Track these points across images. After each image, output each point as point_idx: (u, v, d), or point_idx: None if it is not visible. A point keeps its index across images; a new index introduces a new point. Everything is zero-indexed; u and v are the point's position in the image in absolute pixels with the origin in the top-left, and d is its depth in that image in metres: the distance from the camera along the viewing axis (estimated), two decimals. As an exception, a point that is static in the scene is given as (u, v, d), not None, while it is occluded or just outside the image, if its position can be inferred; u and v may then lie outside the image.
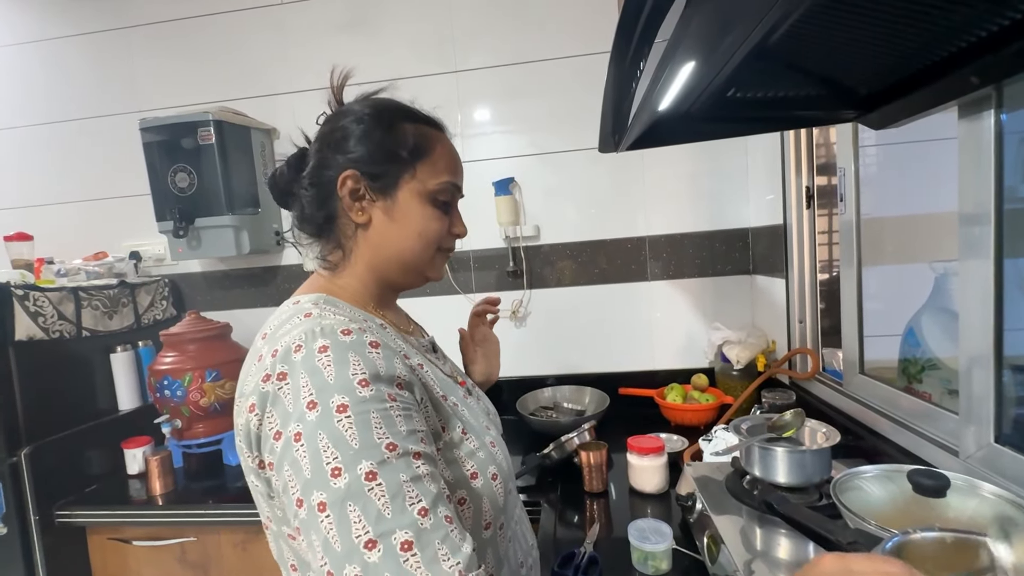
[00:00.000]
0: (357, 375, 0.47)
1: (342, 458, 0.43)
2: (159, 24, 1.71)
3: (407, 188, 0.60)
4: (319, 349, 0.48)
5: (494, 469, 0.56)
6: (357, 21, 1.63)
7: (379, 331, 0.56)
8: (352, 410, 0.45)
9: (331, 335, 0.49)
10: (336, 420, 0.44)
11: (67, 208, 1.80)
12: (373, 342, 0.50)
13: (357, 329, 0.51)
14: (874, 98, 0.76)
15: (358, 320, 0.55)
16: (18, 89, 1.79)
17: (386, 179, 0.59)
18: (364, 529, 0.41)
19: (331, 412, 0.44)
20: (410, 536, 0.41)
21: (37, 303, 1.30)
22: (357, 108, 0.62)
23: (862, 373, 1.08)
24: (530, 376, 1.65)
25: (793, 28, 0.55)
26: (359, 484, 0.42)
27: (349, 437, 0.44)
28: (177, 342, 1.41)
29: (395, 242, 0.61)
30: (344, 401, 0.45)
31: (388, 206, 0.60)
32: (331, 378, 0.46)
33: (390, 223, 0.60)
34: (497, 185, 1.56)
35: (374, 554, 0.40)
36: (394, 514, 0.41)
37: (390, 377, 0.49)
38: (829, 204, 1.26)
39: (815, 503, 0.75)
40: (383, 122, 0.60)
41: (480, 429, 0.59)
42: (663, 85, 0.57)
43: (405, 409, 0.48)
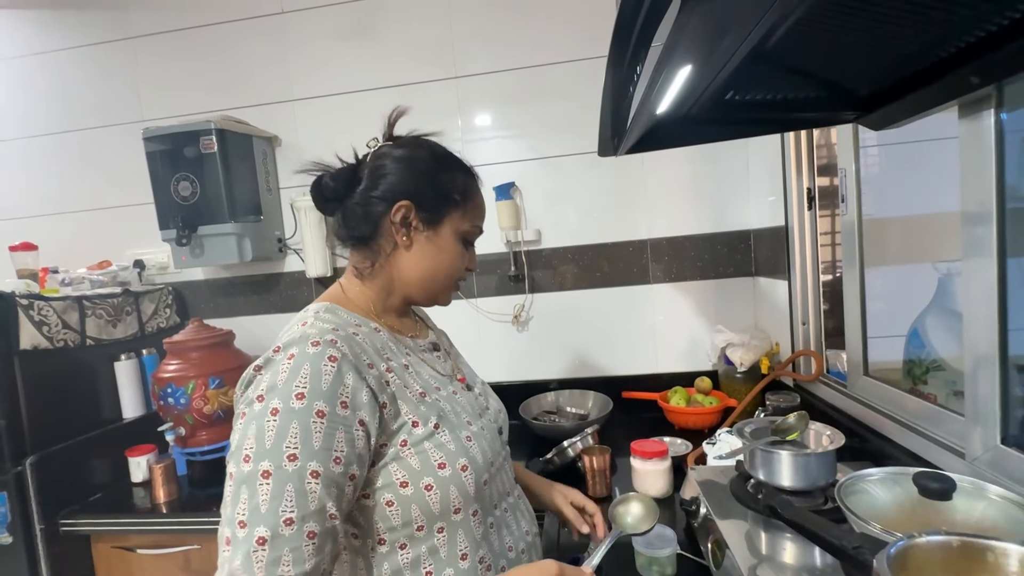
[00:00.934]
0: (298, 388, 0.54)
1: (255, 450, 0.52)
2: (162, 35, 1.73)
3: (450, 224, 0.70)
4: (287, 356, 0.56)
5: (464, 461, 0.62)
6: (358, 29, 1.64)
7: (368, 335, 0.65)
8: (280, 416, 0.53)
9: (301, 344, 0.57)
10: (266, 419, 0.53)
11: (71, 217, 1.82)
12: (332, 356, 0.57)
13: (328, 341, 0.58)
14: (874, 99, 0.76)
15: (349, 326, 0.64)
16: (24, 100, 1.81)
17: (436, 214, 0.69)
18: (243, 511, 0.50)
19: (267, 411, 0.53)
20: (267, 535, 0.49)
21: (41, 312, 1.31)
22: (415, 148, 0.71)
23: (866, 375, 1.07)
24: (533, 380, 1.65)
25: (791, 30, 0.55)
26: (255, 476, 0.51)
27: (267, 437, 0.52)
28: (180, 350, 1.41)
29: (428, 266, 0.70)
30: (277, 406, 0.53)
31: (431, 236, 0.70)
32: (280, 383, 0.55)
33: (428, 251, 0.70)
34: (498, 190, 1.56)
35: (240, 532, 0.50)
36: (267, 512, 0.50)
37: (330, 396, 0.55)
38: (831, 205, 1.26)
39: (820, 507, 0.74)
40: (444, 167, 0.71)
41: (458, 424, 0.65)
42: (661, 88, 0.57)
43: (331, 428, 0.54)
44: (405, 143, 0.72)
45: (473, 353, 1.65)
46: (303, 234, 1.64)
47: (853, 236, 1.06)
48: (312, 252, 1.63)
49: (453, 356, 0.83)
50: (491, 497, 0.68)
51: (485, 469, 0.65)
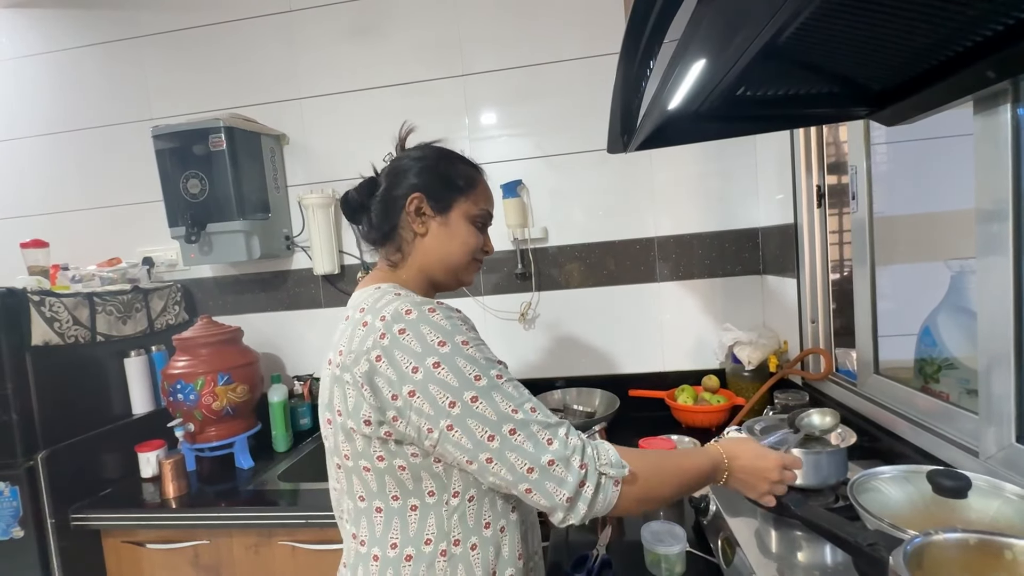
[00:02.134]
0: (461, 327, 0.65)
1: (478, 369, 0.61)
2: (171, 33, 1.74)
3: (458, 209, 0.78)
4: (429, 310, 0.64)
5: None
6: (365, 28, 1.65)
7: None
8: (471, 345, 0.63)
9: (426, 305, 0.65)
10: (466, 349, 0.62)
11: (81, 215, 1.83)
12: (451, 313, 0.66)
13: (438, 304, 0.67)
14: (886, 94, 0.75)
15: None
16: (35, 99, 1.83)
17: (444, 201, 0.77)
18: (508, 407, 0.60)
19: (459, 345, 0.62)
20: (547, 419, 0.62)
21: (53, 309, 1.32)
22: (423, 150, 0.81)
23: (877, 373, 1.06)
24: (539, 378, 1.64)
25: (804, 26, 0.54)
26: (494, 381, 0.61)
27: (478, 357, 0.62)
28: (190, 346, 1.42)
29: (444, 248, 0.77)
30: (465, 338, 0.63)
31: (443, 221, 0.77)
32: (449, 326, 0.63)
33: (442, 234, 0.77)
34: (505, 188, 1.56)
35: (515, 416, 0.60)
36: (520, 403, 0.61)
37: (471, 329, 0.67)
38: (840, 203, 1.25)
39: (831, 505, 0.74)
40: (444, 159, 0.80)
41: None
42: (673, 84, 0.57)
43: (478, 349, 0.64)
44: (414, 149, 0.82)
45: (480, 351, 1.66)
46: (311, 232, 1.65)
47: (864, 233, 1.06)
48: (319, 250, 1.64)
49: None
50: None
51: None
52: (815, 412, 0.81)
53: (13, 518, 1.25)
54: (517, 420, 0.59)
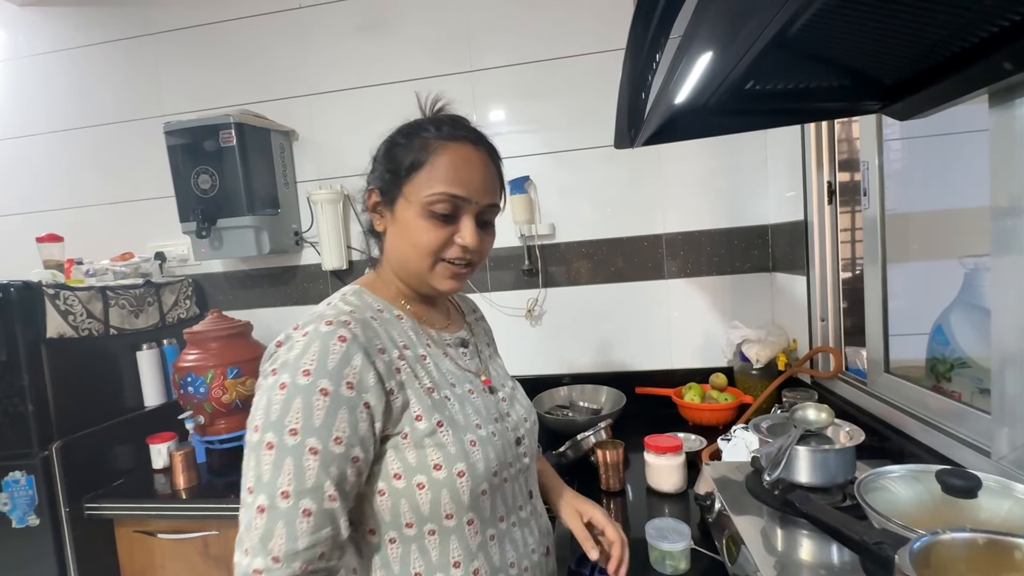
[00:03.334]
0: (304, 365, 0.55)
1: (262, 421, 0.53)
2: (182, 30, 1.75)
3: (402, 201, 0.66)
4: (302, 334, 0.57)
5: (461, 467, 0.60)
6: (374, 23, 1.65)
7: (389, 322, 0.65)
8: (286, 390, 0.54)
9: (316, 323, 0.58)
10: (275, 392, 0.54)
11: (95, 210, 1.86)
12: (342, 336, 0.57)
13: (341, 322, 0.58)
14: (899, 88, 0.74)
15: (369, 310, 0.65)
16: (50, 96, 1.86)
17: (389, 194, 0.67)
18: (251, 478, 0.53)
19: (276, 384, 0.55)
20: (265, 505, 0.51)
21: (67, 302, 1.34)
22: (391, 135, 0.71)
23: (887, 372, 1.05)
24: (546, 375, 1.64)
25: (815, 17, 0.53)
26: (260, 446, 0.53)
27: (273, 409, 0.53)
28: (200, 340, 1.44)
29: (397, 251, 0.68)
30: (286, 380, 0.54)
31: (392, 219, 0.67)
32: (291, 358, 0.55)
33: (395, 234, 0.68)
34: (512, 184, 1.56)
35: (248, 498, 0.52)
36: (267, 482, 0.51)
37: (335, 375, 0.55)
38: (851, 201, 1.24)
39: (838, 504, 0.73)
40: (392, 141, 0.69)
41: (465, 425, 0.62)
42: (680, 77, 0.56)
43: (334, 407, 0.54)
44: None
45: (486, 347, 1.67)
46: (319, 227, 1.66)
47: (875, 230, 1.04)
48: (328, 245, 1.65)
49: (485, 356, 0.79)
50: (494, 508, 0.64)
51: (485, 478, 0.62)
52: (811, 406, 0.80)
53: (29, 506, 1.27)
54: (255, 498, 0.51)
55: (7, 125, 1.88)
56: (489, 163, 0.69)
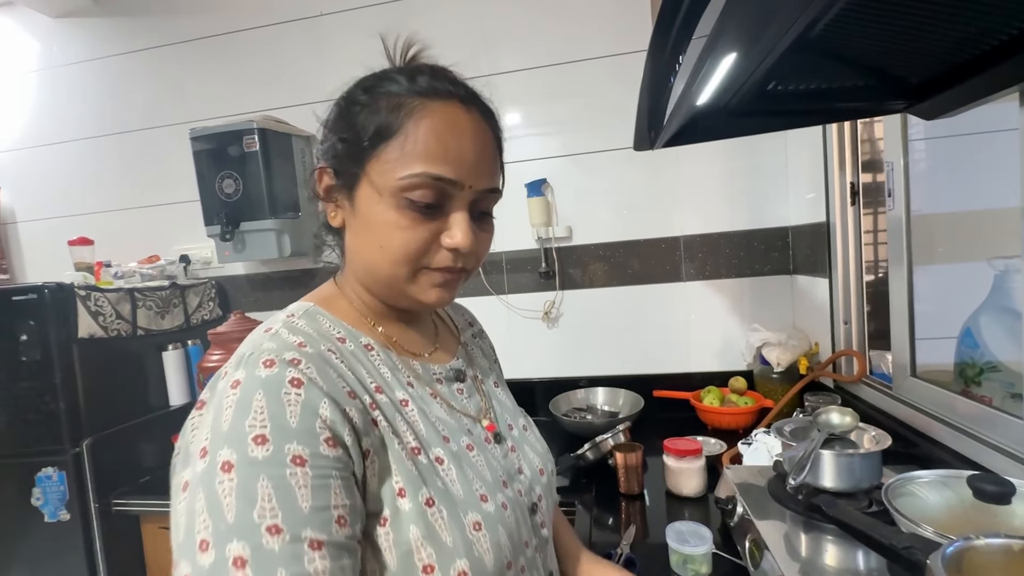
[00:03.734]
0: (254, 427, 0.37)
1: (212, 530, 0.34)
2: (208, 39, 1.80)
3: (364, 185, 0.47)
4: (232, 383, 0.40)
5: (463, 566, 0.42)
6: (392, 28, 1.67)
7: (354, 353, 0.48)
8: (236, 472, 0.35)
9: (251, 366, 0.40)
10: (218, 480, 0.35)
11: (123, 214, 1.91)
12: (294, 379, 0.40)
13: (287, 360, 0.41)
14: (925, 87, 0.73)
15: (326, 340, 0.46)
16: (81, 104, 1.92)
17: (346, 175, 0.49)
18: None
19: (215, 468, 0.36)
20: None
21: (98, 303, 1.38)
22: (349, 90, 0.53)
23: (913, 376, 1.03)
24: (563, 377, 1.64)
25: (838, 17, 0.53)
26: (224, 569, 0.33)
27: (226, 506, 0.35)
28: (224, 341, 1.47)
29: (362, 253, 0.50)
30: (231, 458, 0.36)
31: (352, 209, 0.49)
32: (227, 423, 0.37)
33: (356, 229, 0.50)
34: (529, 187, 1.57)
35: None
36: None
37: (306, 432, 0.38)
38: (875, 202, 1.22)
39: (864, 509, 0.72)
40: (350, 99, 0.50)
41: (466, 500, 0.45)
42: (702, 79, 0.56)
43: (322, 476, 0.37)
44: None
45: (503, 350, 1.67)
46: (339, 230, 1.68)
47: (900, 232, 1.02)
48: (347, 248, 1.67)
49: (487, 389, 0.62)
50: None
51: (499, 572, 0.45)
52: (835, 410, 0.78)
53: (60, 502, 1.31)
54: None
55: (42, 132, 1.95)
56: (486, 131, 0.51)
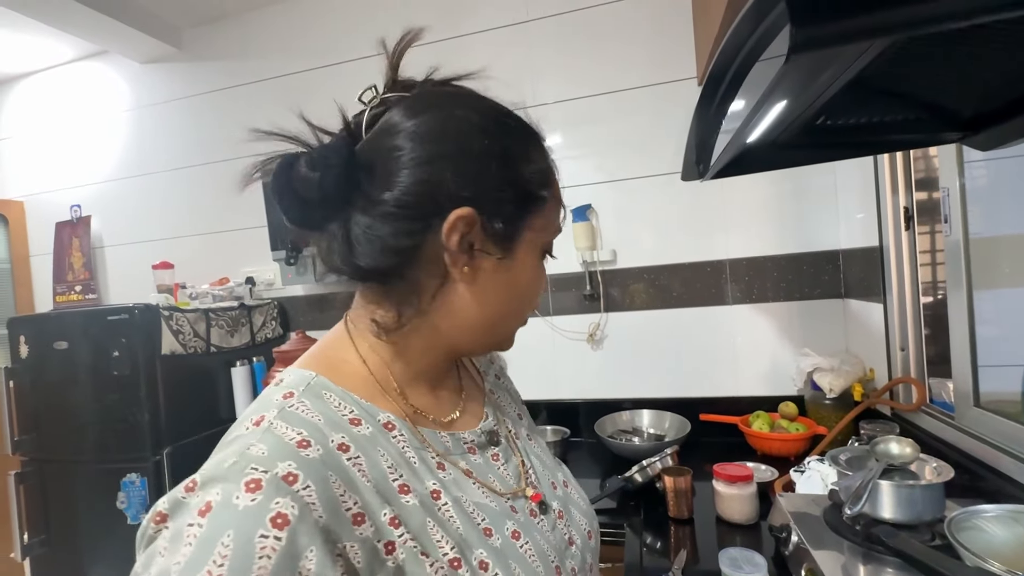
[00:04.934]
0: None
1: None
2: (276, 79, 1.96)
3: (529, 236, 0.44)
4: (201, 509, 0.31)
5: None
6: (443, 65, 1.77)
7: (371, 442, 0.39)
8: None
9: (230, 483, 0.32)
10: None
11: (197, 239, 2.08)
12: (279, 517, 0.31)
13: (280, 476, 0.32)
14: (980, 119, 0.73)
15: (338, 429, 0.38)
16: (164, 139, 2.12)
17: (511, 224, 0.43)
18: None
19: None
20: None
21: (178, 323, 1.51)
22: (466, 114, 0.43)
23: (977, 406, 1.00)
24: (607, 399, 1.66)
25: (889, 59, 0.55)
26: None
27: None
28: (287, 358, 1.57)
29: (494, 307, 0.44)
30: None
31: (504, 260, 0.43)
32: (178, 568, 0.29)
33: (498, 283, 0.43)
34: (575, 212, 1.61)
35: None
36: None
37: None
38: (931, 221, 1.19)
39: (927, 543, 0.71)
40: (512, 139, 0.44)
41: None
42: (752, 126, 0.60)
43: None
44: (432, 100, 0.45)
45: (547, 371, 1.72)
46: (392, 254, 1.78)
47: (959, 257, 1.01)
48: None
49: (522, 445, 0.52)
50: None
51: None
52: (893, 439, 0.78)
53: (142, 506, 1.43)
54: None
55: (129, 166, 2.16)
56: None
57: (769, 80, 0.47)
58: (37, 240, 2.31)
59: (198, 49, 2.06)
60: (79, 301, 2.10)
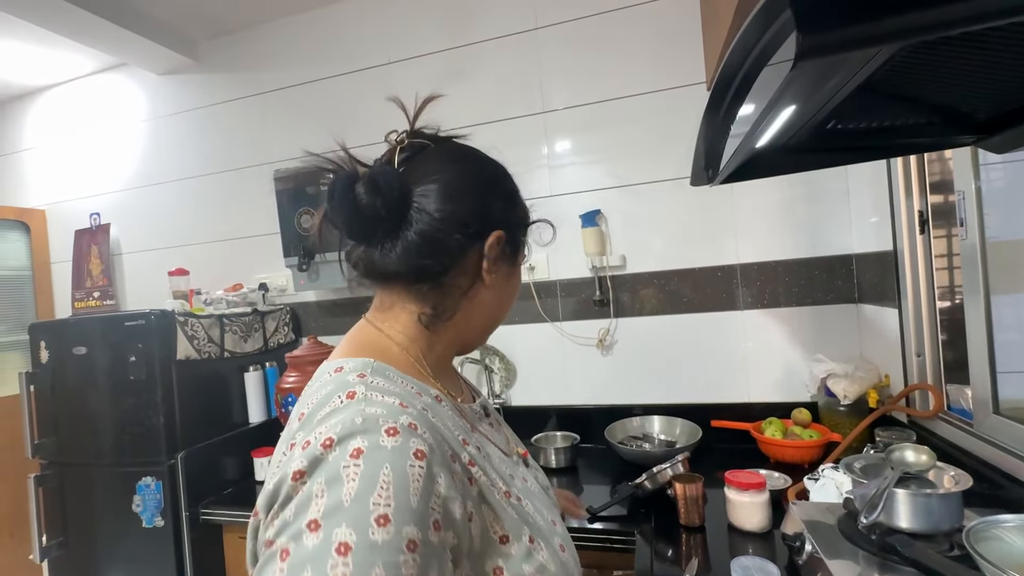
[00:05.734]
0: (379, 506, 0.36)
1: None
2: (288, 88, 2.00)
3: (522, 252, 0.62)
4: (352, 452, 0.38)
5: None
6: (454, 73, 1.80)
7: (434, 408, 0.49)
8: (353, 556, 0.34)
9: (372, 433, 0.40)
10: (330, 564, 0.34)
11: (212, 246, 2.11)
12: (419, 451, 0.40)
13: (407, 426, 0.41)
14: (995, 122, 0.72)
15: (410, 399, 0.46)
16: (179, 149, 2.16)
17: (518, 243, 0.60)
18: None
19: (329, 548, 0.34)
20: None
21: (193, 328, 1.54)
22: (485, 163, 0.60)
23: (996, 413, 0.97)
24: (618, 405, 1.65)
25: (899, 63, 0.55)
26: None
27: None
28: (299, 364, 1.59)
29: (496, 308, 0.60)
30: (349, 539, 0.35)
31: (509, 270, 0.59)
32: (348, 498, 0.36)
33: (503, 289, 0.59)
34: (584, 217, 1.62)
35: None
36: None
37: (422, 514, 0.38)
38: (947, 224, 1.17)
39: (944, 553, 0.69)
40: (513, 185, 0.62)
41: (548, 529, 0.51)
42: (761, 130, 0.60)
43: (426, 563, 0.37)
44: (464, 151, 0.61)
45: (557, 376, 1.71)
46: (402, 260, 1.79)
47: (975, 262, 0.99)
48: (409, 277, 1.78)
49: (500, 421, 0.67)
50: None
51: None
52: (910, 447, 0.76)
53: (157, 509, 1.45)
54: None
55: (148, 174, 2.21)
56: None
57: (777, 85, 0.46)
58: (57, 247, 2.37)
59: (214, 60, 2.11)
60: (97, 307, 2.14)
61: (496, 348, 1.75)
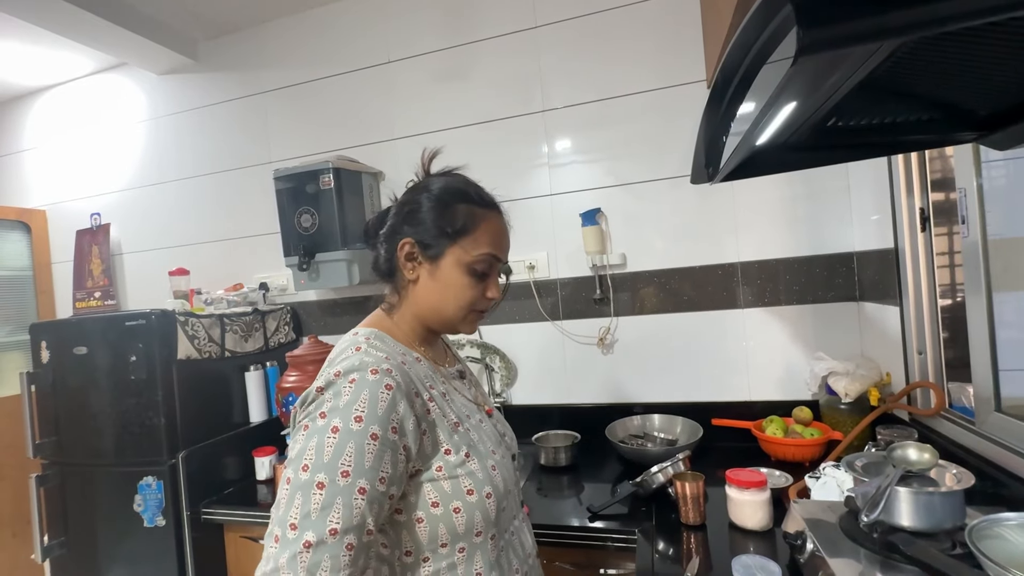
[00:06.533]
0: (357, 411, 0.59)
1: (314, 462, 0.57)
2: (288, 88, 1.99)
3: (450, 257, 0.74)
4: (349, 381, 0.62)
5: (489, 489, 0.68)
6: (453, 73, 1.80)
7: (412, 364, 0.71)
8: (339, 434, 0.58)
9: (362, 371, 0.63)
10: (327, 436, 0.58)
11: (212, 246, 2.12)
12: (389, 385, 0.63)
13: (385, 370, 0.64)
14: (997, 118, 0.72)
15: (396, 356, 0.69)
16: (180, 149, 2.16)
17: (434, 248, 0.74)
18: (295, 515, 0.55)
19: (328, 428, 0.59)
20: (313, 540, 0.54)
21: (193, 328, 1.54)
22: (429, 187, 0.77)
23: (998, 411, 0.97)
24: (618, 403, 1.65)
25: (900, 60, 0.55)
26: (311, 485, 0.56)
27: (326, 452, 0.58)
28: (300, 363, 1.59)
29: (435, 298, 0.75)
30: (338, 424, 0.59)
31: (432, 270, 0.75)
32: (341, 404, 0.60)
33: (433, 284, 0.75)
34: (584, 216, 1.61)
35: (290, 534, 0.55)
36: (316, 520, 0.55)
37: (384, 421, 0.60)
38: (948, 221, 1.17)
39: (947, 551, 0.69)
40: (441, 203, 0.75)
41: (485, 453, 0.71)
42: (761, 127, 0.59)
43: (381, 450, 0.59)
44: (423, 183, 0.79)
45: (558, 375, 1.71)
46: (402, 259, 1.79)
47: (977, 260, 0.99)
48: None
49: (475, 384, 0.89)
50: (505, 521, 0.72)
51: (505, 496, 0.71)
52: (912, 445, 0.76)
53: (158, 508, 1.45)
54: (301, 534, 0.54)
55: (147, 174, 2.21)
56: (507, 228, 0.81)
57: (777, 82, 0.46)
58: (58, 248, 2.37)
59: (214, 60, 2.11)
60: (98, 307, 2.14)
61: (496, 347, 1.75)
